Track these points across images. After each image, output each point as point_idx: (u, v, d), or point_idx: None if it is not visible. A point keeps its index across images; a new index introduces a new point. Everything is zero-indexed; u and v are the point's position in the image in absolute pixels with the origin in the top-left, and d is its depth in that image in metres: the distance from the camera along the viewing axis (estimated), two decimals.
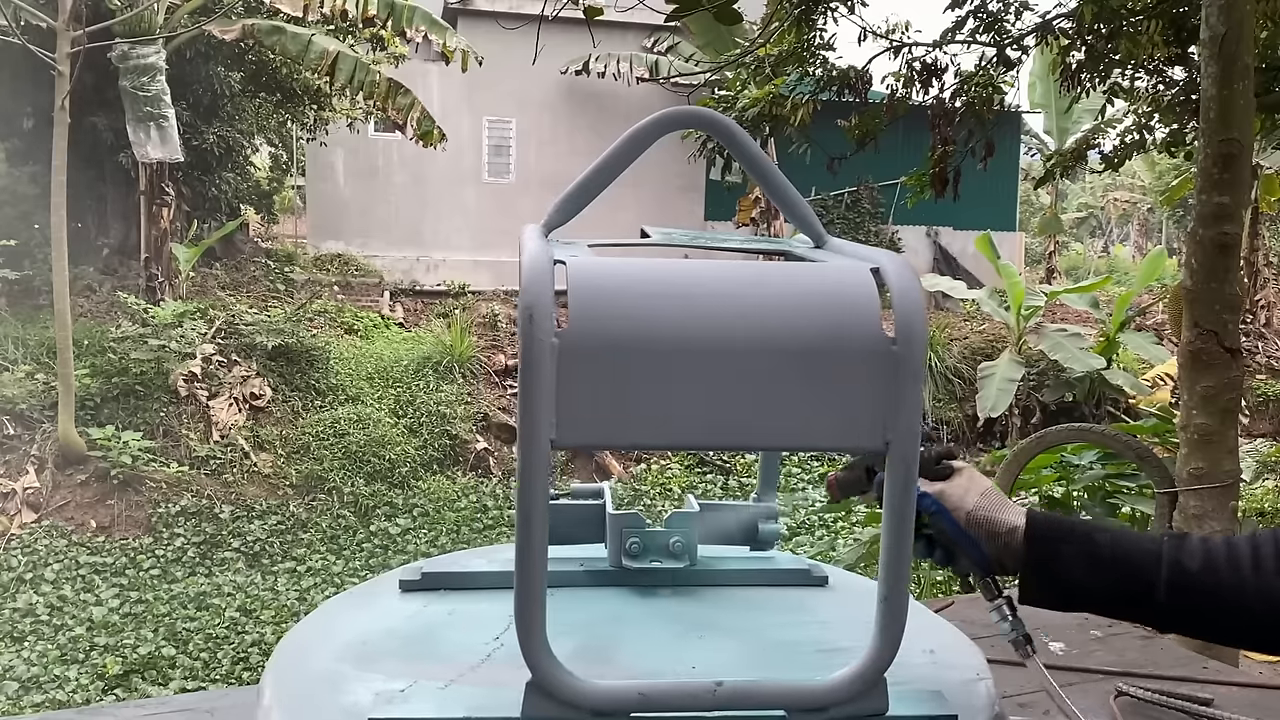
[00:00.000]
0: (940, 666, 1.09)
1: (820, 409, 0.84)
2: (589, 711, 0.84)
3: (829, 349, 0.84)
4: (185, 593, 8.97)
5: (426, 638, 1.10)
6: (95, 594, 8.84)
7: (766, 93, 7.14)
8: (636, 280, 0.85)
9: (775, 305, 0.85)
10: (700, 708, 0.85)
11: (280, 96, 15.14)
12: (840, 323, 0.85)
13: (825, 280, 0.89)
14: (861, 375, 0.84)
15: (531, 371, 0.79)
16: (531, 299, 0.80)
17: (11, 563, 9.00)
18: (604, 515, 1.24)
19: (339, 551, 10.10)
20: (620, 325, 0.82)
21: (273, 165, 19.35)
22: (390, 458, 11.14)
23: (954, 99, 7.07)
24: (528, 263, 0.83)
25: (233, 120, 14.60)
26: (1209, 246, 3.77)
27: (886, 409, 0.84)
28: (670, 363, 0.82)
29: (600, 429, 0.82)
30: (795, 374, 0.83)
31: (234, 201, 15.46)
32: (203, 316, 12.11)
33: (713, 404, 0.83)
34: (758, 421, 0.84)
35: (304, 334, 12.54)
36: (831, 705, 0.87)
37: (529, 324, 0.79)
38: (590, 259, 0.87)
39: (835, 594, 1.28)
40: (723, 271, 0.89)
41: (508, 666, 0.94)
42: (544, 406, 0.79)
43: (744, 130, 1.08)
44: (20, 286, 12.19)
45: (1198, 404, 3.81)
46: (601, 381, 0.81)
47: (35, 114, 12.77)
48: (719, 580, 1.25)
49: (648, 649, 1.08)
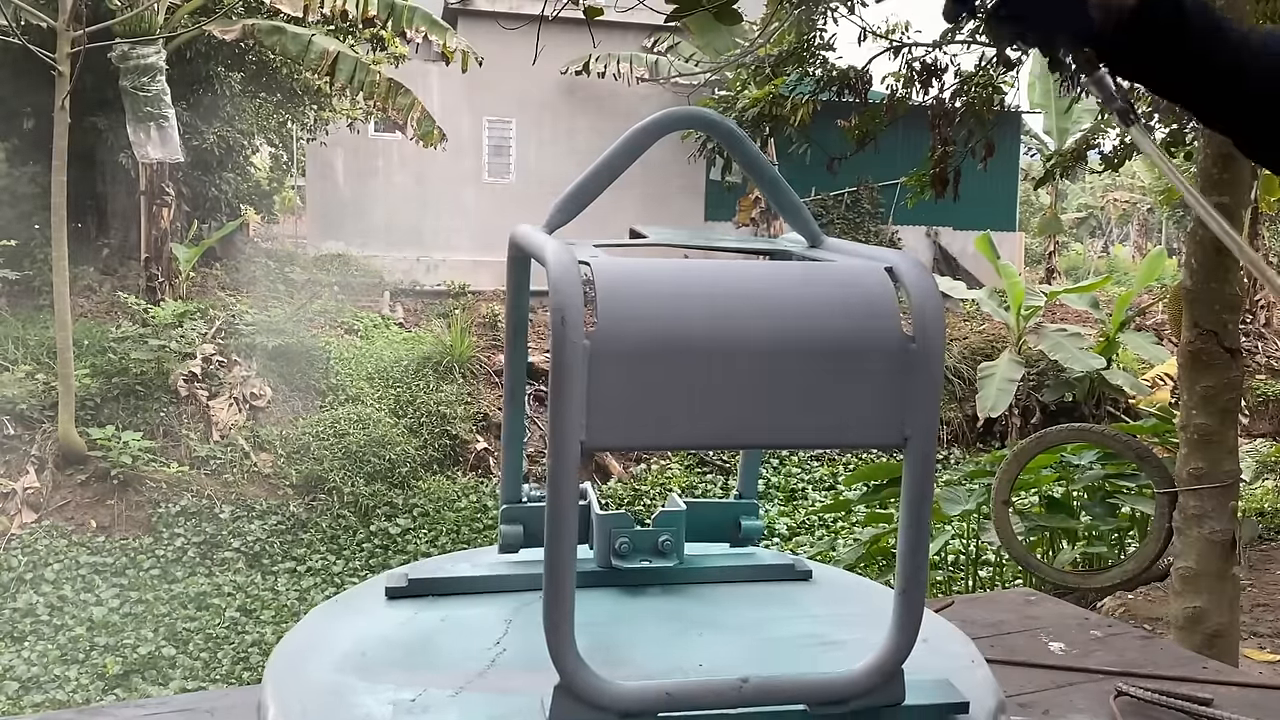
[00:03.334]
0: (939, 655, 1.10)
1: (841, 407, 0.86)
2: (618, 713, 0.84)
3: (850, 348, 0.86)
4: (185, 593, 8.97)
5: (425, 646, 1.09)
6: (95, 594, 8.84)
7: (766, 93, 7.14)
8: (662, 281, 0.86)
9: (797, 305, 0.87)
10: (726, 705, 0.86)
11: (280, 96, 15.14)
12: (861, 322, 0.87)
13: (843, 280, 0.91)
14: (882, 372, 0.86)
15: (564, 374, 0.79)
16: (563, 301, 0.80)
17: (11, 563, 9.00)
18: (589, 516, 1.24)
19: (339, 551, 10.10)
20: (649, 326, 0.82)
21: (273, 165, 19.35)
22: (390, 458, 11.14)
23: (954, 99, 7.07)
24: (555, 265, 0.83)
25: (233, 120, 14.60)
26: (1209, 246, 3.77)
27: (906, 405, 0.86)
28: (697, 363, 0.83)
29: (630, 430, 0.83)
30: (817, 373, 0.85)
31: (234, 201, 15.46)
32: (203, 316, 12.11)
33: (738, 403, 0.84)
34: (784, 420, 0.86)
35: (304, 334, 12.54)
36: (852, 697, 0.89)
37: (561, 326, 0.79)
38: (615, 260, 0.88)
39: (820, 589, 1.29)
40: (743, 272, 0.91)
41: (515, 672, 0.94)
42: (576, 409, 0.80)
43: (743, 131, 1.09)
44: (20, 286, 12.19)
45: (1198, 404, 3.81)
46: (631, 383, 0.82)
47: (35, 114, 12.77)
48: (707, 578, 1.25)
49: (655, 649, 1.08)
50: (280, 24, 12.25)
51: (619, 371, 0.81)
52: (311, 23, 12.59)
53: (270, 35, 12.13)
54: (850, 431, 0.88)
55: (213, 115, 14.08)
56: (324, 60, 12.00)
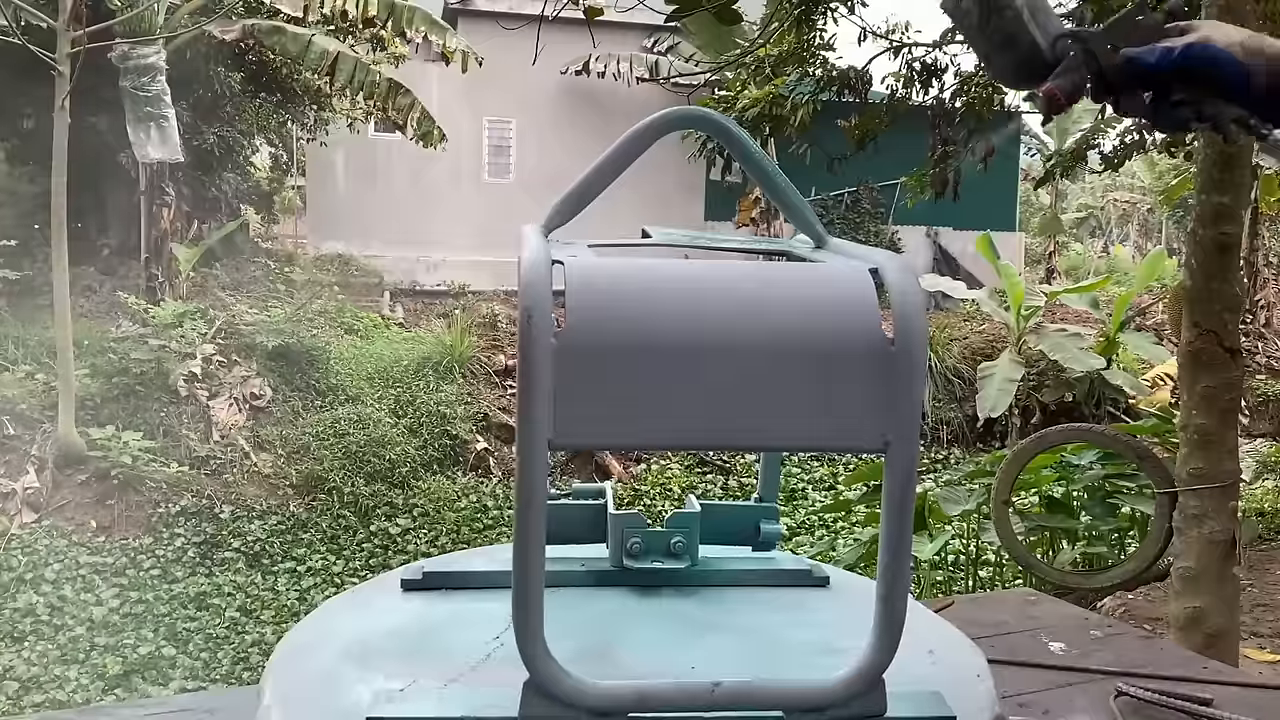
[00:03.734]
0: (940, 666, 1.09)
1: (818, 409, 0.84)
2: (586, 711, 0.84)
3: (827, 350, 0.84)
4: (185, 593, 8.97)
5: (427, 637, 1.10)
6: (95, 594, 8.84)
7: (766, 93, 7.15)
8: (634, 280, 0.85)
9: (774, 305, 0.85)
10: (697, 708, 0.85)
11: (280, 97, 15.14)
12: (838, 323, 0.85)
13: (823, 281, 0.90)
14: (860, 376, 0.84)
15: (530, 371, 0.79)
16: (531, 300, 0.80)
17: (11, 563, 9.00)
18: (604, 515, 1.24)
19: (339, 551, 10.10)
20: (619, 325, 0.82)
21: (273, 165, 19.34)
22: (390, 458, 11.14)
23: (954, 99, 7.08)
24: (526, 263, 0.83)
25: (233, 120, 14.60)
26: (1209, 246, 3.77)
27: (885, 409, 0.84)
28: (668, 363, 0.82)
29: (599, 429, 0.83)
30: (793, 374, 0.84)
31: (234, 202, 15.46)
32: (203, 317, 12.10)
33: (710, 404, 0.83)
34: (755, 422, 0.84)
35: (304, 334, 12.54)
36: (829, 706, 0.86)
37: (528, 324, 0.79)
38: (589, 259, 0.88)
39: (836, 595, 1.28)
40: (720, 271, 0.89)
41: (507, 666, 0.94)
42: (542, 406, 0.80)
43: (744, 130, 1.08)
44: (20, 286, 12.18)
45: (1198, 404, 3.81)
46: (600, 382, 0.81)
47: (35, 114, 12.77)
48: (720, 580, 1.25)
49: (648, 649, 1.08)
50: (280, 24, 12.26)
51: (587, 370, 0.81)
52: (311, 23, 12.59)
53: (270, 35, 12.13)
54: (826, 436, 0.86)
55: (213, 115, 14.07)
56: (324, 60, 12.00)
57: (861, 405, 0.84)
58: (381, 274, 16.17)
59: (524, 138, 17.64)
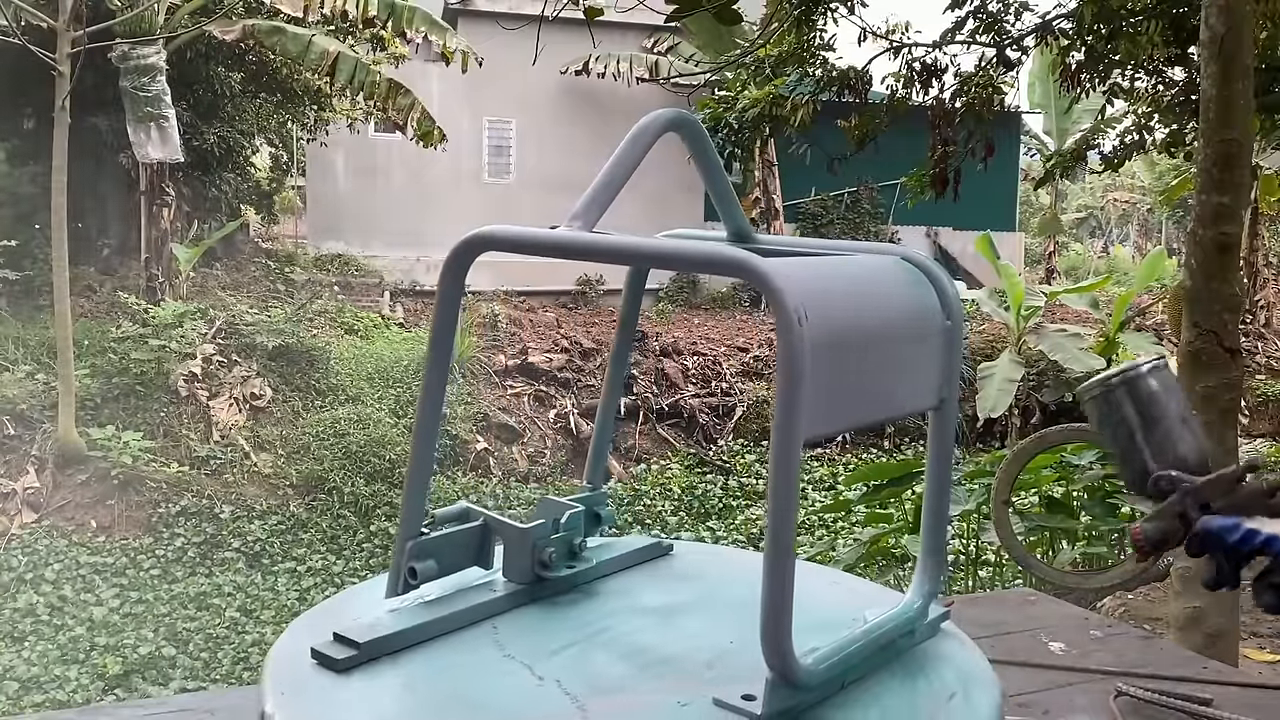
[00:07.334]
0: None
1: (919, 379, 1.04)
2: (817, 690, 0.93)
3: (928, 329, 1.04)
4: (185, 593, 8.97)
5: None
6: (95, 594, 8.84)
7: (766, 93, 7.14)
8: (829, 279, 0.99)
9: (899, 297, 1.03)
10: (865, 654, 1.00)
11: (280, 97, 15.14)
12: (927, 307, 1.05)
13: (899, 271, 1.07)
14: (936, 347, 1.04)
15: (797, 370, 0.84)
16: (799, 300, 0.84)
17: (12, 563, 9.00)
18: (483, 536, 1.19)
19: (339, 551, 10.10)
20: (836, 321, 0.91)
21: (273, 165, 19.34)
22: (390, 458, 11.14)
23: (954, 99, 7.07)
24: (773, 269, 0.85)
25: (233, 120, 14.60)
26: (1209, 246, 3.77)
27: (943, 374, 1.05)
28: (859, 350, 0.95)
29: (831, 417, 0.92)
30: (919, 351, 1.03)
31: (234, 202, 15.46)
32: (203, 316, 12.10)
33: (879, 382, 0.99)
34: (904, 393, 1.02)
35: (304, 334, 12.55)
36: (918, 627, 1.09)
37: (802, 325, 0.83)
38: (786, 261, 0.93)
39: (684, 559, 1.34)
40: (852, 269, 1.06)
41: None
42: (804, 403, 0.84)
43: (706, 133, 1.16)
44: (20, 286, 12.19)
45: (1198, 404, 3.80)
46: (829, 374, 0.89)
47: (35, 114, 12.77)
48: (613, 569, 1.26)
49: (686, 640, 1.08)
50: (280, 24, 12.25)
51: (822, 364, 0.87)
52: (311, 23, 12.59)
53: (270, 35, 12.12)
54: (923, 399, 1.05)
55: (213, 115, 14.07)
56: (324, 60, 11.99)
57: (933, 371, 1.04)
58: (381, 274, 16.17)
59: (524, 138, 17.64)
